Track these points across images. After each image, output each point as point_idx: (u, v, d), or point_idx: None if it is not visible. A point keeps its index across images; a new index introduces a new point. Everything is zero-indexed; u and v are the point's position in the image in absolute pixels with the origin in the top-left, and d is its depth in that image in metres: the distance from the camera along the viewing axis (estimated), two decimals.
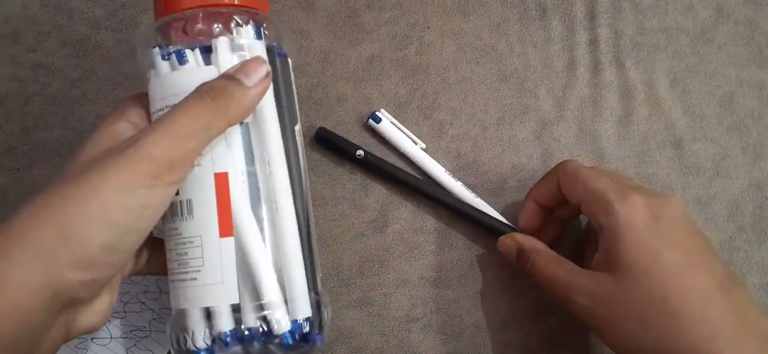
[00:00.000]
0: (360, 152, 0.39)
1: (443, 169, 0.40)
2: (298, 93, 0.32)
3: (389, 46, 0.42)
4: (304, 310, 0.28)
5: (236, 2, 0.29)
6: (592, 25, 0.43)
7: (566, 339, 0.39)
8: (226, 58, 0.28)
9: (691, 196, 0.41)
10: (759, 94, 0.43)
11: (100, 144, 0.27)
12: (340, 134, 0.40)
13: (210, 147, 0.27)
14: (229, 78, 0.27)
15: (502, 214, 0.39)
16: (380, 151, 0.40)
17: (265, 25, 0.30)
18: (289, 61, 0.32)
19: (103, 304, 0.27)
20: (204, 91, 0.27)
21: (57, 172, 0.39)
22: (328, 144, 0.40)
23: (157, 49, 0.29)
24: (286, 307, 0.28)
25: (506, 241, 0.37)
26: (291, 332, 0.28)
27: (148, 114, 0.30)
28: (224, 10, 0.29)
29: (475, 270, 0.39)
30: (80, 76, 0.41)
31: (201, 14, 0.29)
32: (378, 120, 0.40)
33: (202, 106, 0.26)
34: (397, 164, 0.40)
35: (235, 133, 0.28)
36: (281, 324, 0.28)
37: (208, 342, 0.27)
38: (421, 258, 0.39)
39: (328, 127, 0.40)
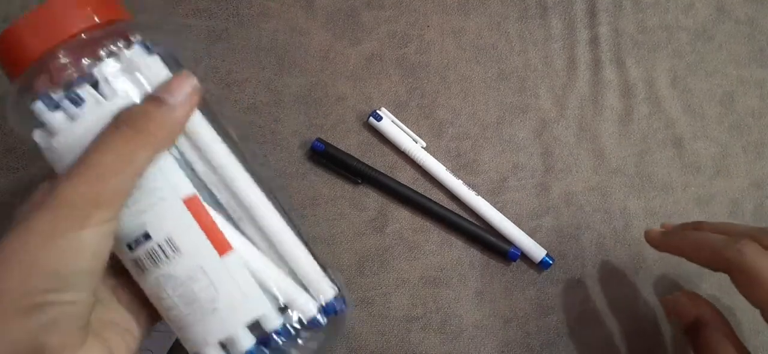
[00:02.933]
0: (358, 179, 0.39)
1: (444, 167, 0.40)
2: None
3: (389, 44, 0.42)
4: (326, 290, 0.28)
5: (97, 21, 0.25)
6: (593, 24, 0.43)
7: (566, 338, 0.39)
8: (119, 83, 0.25)
9: (692, 195, 0.41)
10: (760, 93, 0.43)
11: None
12: (340, 133, 0.40)
13: (164, 176, 0.25)
14: (151, 100, 0.25)
15: (501, 212, 0.39)
16: (380, 150, 0.40)
17: (140, 37, 0.26)
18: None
19: (92, 351, 0.25)
20: (121, 120, 0.24)
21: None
22: (325, 157, 0.39)
23: (39, 103, 0.24)
24: (308, 294, 0.28)
25: (681, 301, 0.35)
26: (321, 312, 0.28)
27: None
28: (86, 37, 0.25)
29: (475, 270, 0.39)
30: None
31: (61, 54, 0.25)
32: (379, 118, 0.40)
33: (120, 138, 0.24)
34: (397, 163, 0.40)
35: (176, 154, 0.26)
36: (311, 310, 0.27)
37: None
38: (421, 258, 0.39)
39: (327, 126, 0.40)
